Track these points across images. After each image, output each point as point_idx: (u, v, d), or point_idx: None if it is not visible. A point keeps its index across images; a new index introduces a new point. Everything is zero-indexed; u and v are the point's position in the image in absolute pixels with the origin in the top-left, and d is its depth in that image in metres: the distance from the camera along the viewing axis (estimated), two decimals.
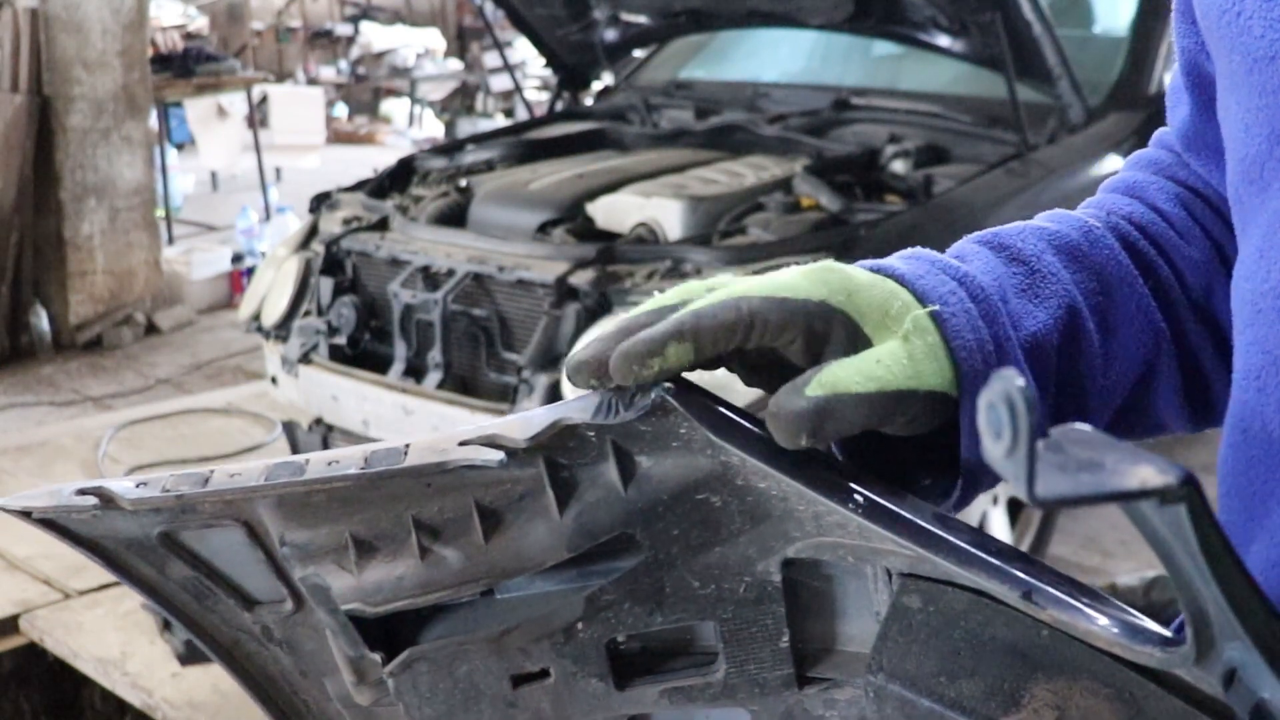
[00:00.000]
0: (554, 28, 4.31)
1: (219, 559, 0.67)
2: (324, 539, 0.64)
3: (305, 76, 12.73)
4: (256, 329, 3.71)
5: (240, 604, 0.68)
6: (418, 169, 4.04)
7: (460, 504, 0.62)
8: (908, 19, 3.55)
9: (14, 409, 5.11)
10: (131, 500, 0.64)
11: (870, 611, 0.61)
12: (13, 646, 3.21)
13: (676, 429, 0.59)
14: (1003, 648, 0.54)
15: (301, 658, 0.70)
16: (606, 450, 0.60)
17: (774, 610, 0.61)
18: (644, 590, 0.62)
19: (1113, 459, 0.38)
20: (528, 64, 10.27)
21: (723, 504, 0.60)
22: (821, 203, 3.27)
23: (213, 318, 6.33)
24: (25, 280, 5.81)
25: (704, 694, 0.64)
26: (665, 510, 0.60)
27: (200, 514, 0.65)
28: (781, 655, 0.62)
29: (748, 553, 0.61)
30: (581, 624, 0.63)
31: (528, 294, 3.13)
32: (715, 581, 0.62)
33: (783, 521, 0.59)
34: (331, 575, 0.65)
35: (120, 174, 5.95)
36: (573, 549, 0.61)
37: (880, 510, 0.56)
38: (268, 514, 0.64)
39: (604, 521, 0.61)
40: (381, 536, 0.64)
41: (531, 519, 0.62)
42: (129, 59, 5.92)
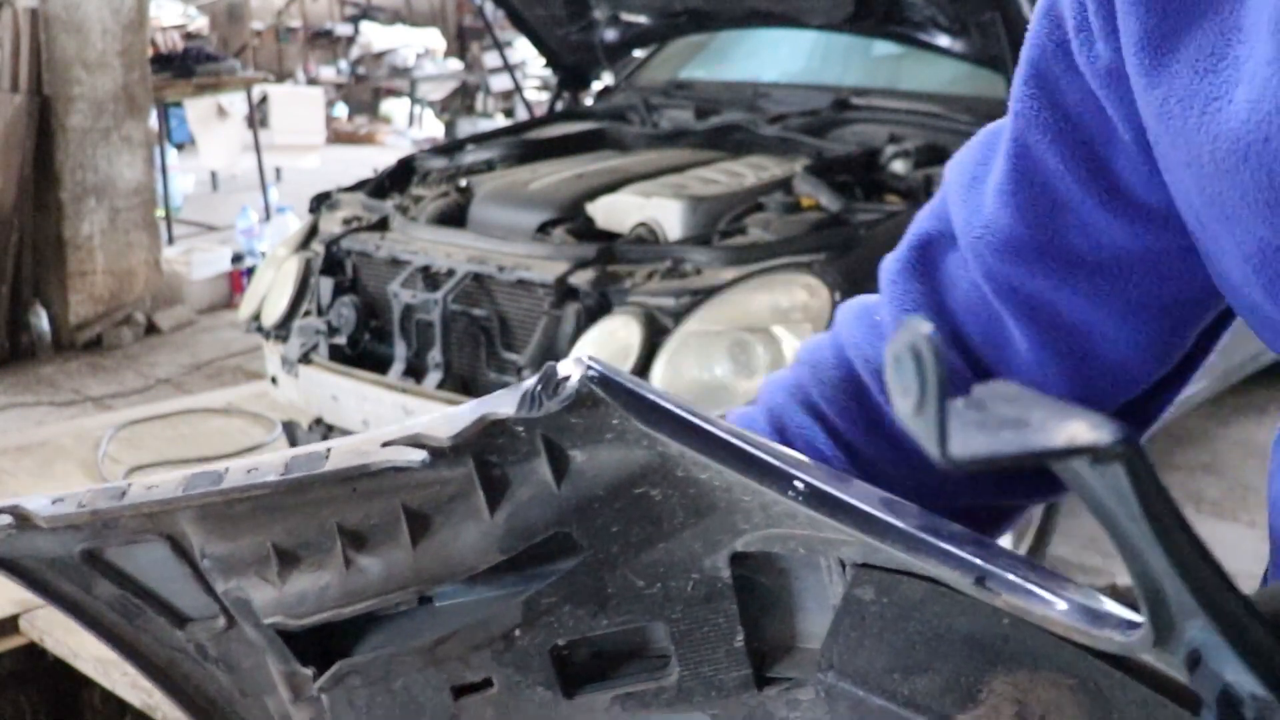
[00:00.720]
0: (554, 28, 4.31)
1: (146, 575, 0.65)
2: (245, 550, 0.62)
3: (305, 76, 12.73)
4: (256, 329, 3.71)
5: (171, 621, 0.66)
6: (418, 169, 4.04)
7: (387, 508, 0.60)
8: (908, 19, 3.55)
9: (14, 409, 5.11)
10: (47, 517, 0.61)
11: (828, 606, 0.58)
12: (13, 646, 3.20)
13: (609, 420, 0.55)
14: (960, 640, 0.51)
15: (239, 675, 0.67)
16: (537, 445, 0.57)
17: (726, 608, 0.58)
18: (585, 592, 0.59)
19: (1040, 415, 0.35)
20: (528, 64, 10.27)
21: (663, 497, 0.57)
22: (821, 203, 3.27)
23: (213, 318, 6.33)
24: (25, 280, 5.80)
25: (658, 699, 0.61)
26: (602, 506, 0.57)
27: (122, 529, 0.62)
28: (737, 655, 0.59)
29: (693, 548, 0.58)
30: (520, 630, 0.60)
31: (528, 294, 3.13)
32: (661, 580, 0.59)
33: (728, 514, 0.56)
34: (254, 588, 0.62)
35: (120, 174, 5.95)
36: (506, 550, 0.59)
37: (822, 496, 0.53)
38: (190, 526, 0.62)
39: (538, 520, 0.58)
40: (305, 545, 0.61)
41: (462, 521, 0.59)
42: (129, 59, 5.92)
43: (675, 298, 2.90)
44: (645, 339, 2.85)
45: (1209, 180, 0.57)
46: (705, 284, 2.92)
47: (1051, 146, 0.66)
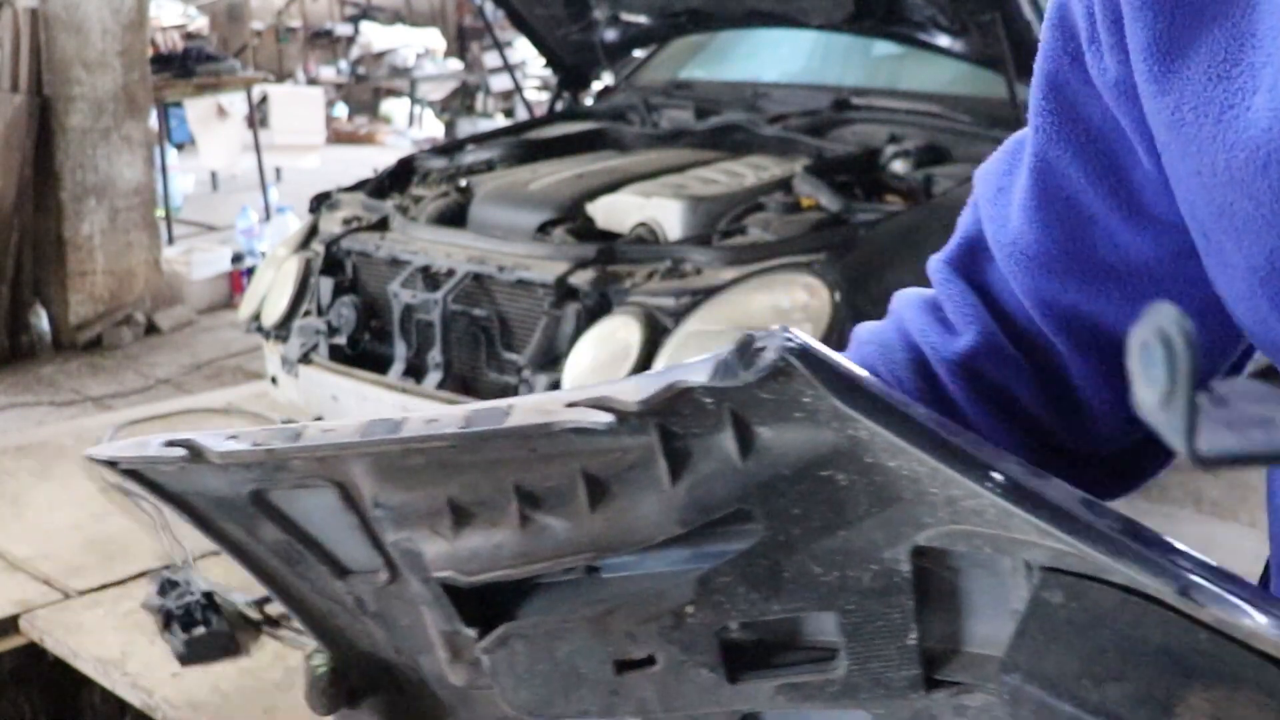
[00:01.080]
0: (554, 28, 4.31)
1: (311, 522, 0.64)
2: (419, 502, 0.60)
3: (305, 76, 12.72)
4: (256, 329, 3.71)
5: (333, 571, 0.65)
6: (418, 169, 4.04)
7: (565, 471, 0.58)
8: (908, 19, 3.55)
9: (14, 409, 5.11)
10: (220, 454, 0.61)
11: (1005, 609, 0.56)
12: (13, 646, 3.20)
13: (800, 397, 0.52)
14: (1155, 650, 0.48)
15: (396, 633, 0.66)
16: (724, 418, 0.54)
17: (902, 603, 0.56)
18: (761, 574, 0.57)
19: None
20: (528, 64, 10.26)
21: (849, 483, 0.54)
22: (821, 203, 3.27)
23: (213, 318, 6.32)
24: (25, 280, 5.80)
25: (823, 692, 0.59)
26: (786, 486, 0.55)
27: (292, 472, 0.62)
28: (908, 653, 0.57)
29: (874, 538, 0.55)
30: (692, 607, 0.58)
31: (528, 294, 3.13)
32: (838, 568, 0.56)
33: (914, 505, 0.54)
34: (425, 541, 0.61)
35: (120, 174, 5.95)
36: (685, 524, 0.57)
37: (1022, 492, 0.50)
38: (362, 475, 0.61)
39: (719, 495, 0.56)
40: (480, 502, 0.60)
41: (641, 490, 0.57)
42: (129, 59, 5.91)
43: (675, 298, 2.90)
44: (645, 339, 2.85)
45: (1220, 190, 0.56)
46: (705, 284, 2.92)
47: (1073, 162, 0.66)
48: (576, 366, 2.93)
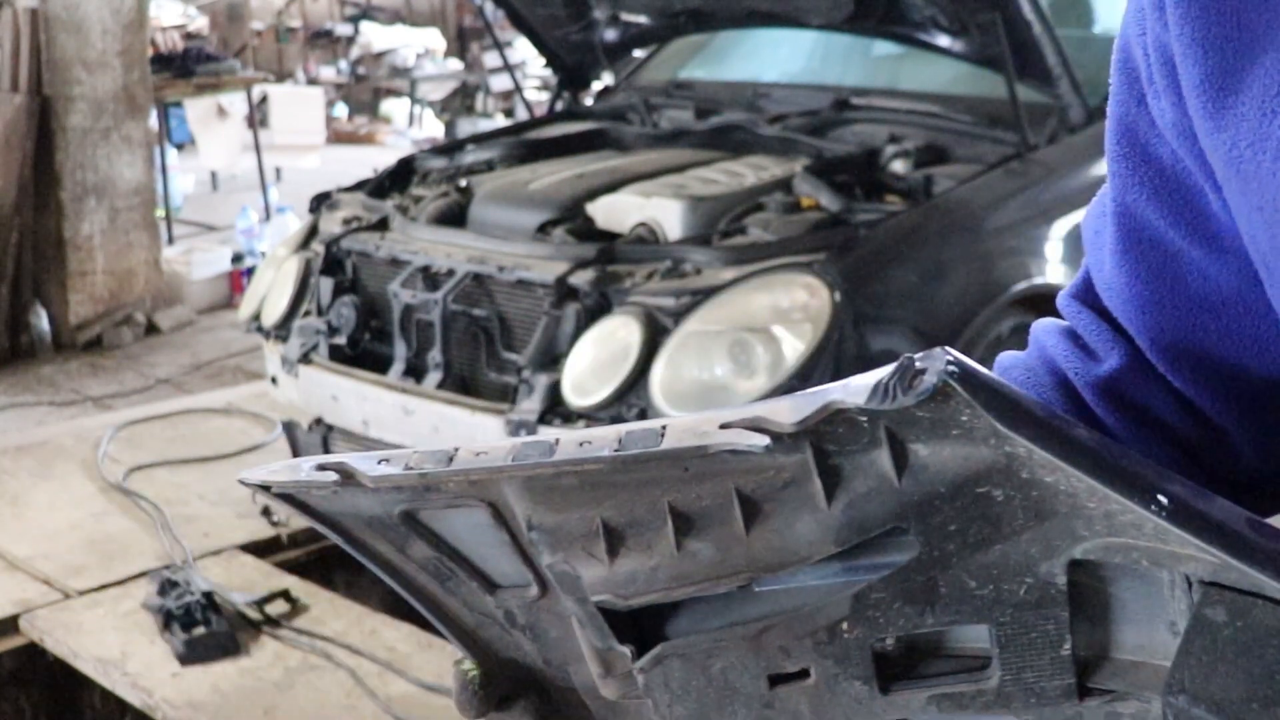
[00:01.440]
0: (554, 28, 4.31)
1: (462, 540, 0.65)
2: (574, 525, 0.61)
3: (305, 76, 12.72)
4: (256, 329, 3.71)
5: (483, 587, 0.65)
6: (418, 169, 4.04)
7: (719, 491, 0.58)
8: (908, 19, 3.55)
9: (14, 409, 5.11)
10: (373, 478, 0.61)
11: (1162, 620, 0.56)
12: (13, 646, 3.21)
13: (958, 416, 0.53)
14: None
15: (545, 644, 0.67)
16: (879, 437, 0.55)
17: (1056, 615, 0.56)
18: (916, 589, 0.57)
19: None
20: (528, 64, 10.26)
21: (1005, 498, 0.54)
22: (821, 203, 3.27)
23: (213, 318, 6.32)
24: (25, 280, 5.81)
25: (975, 701, 0.59)
26: (942, 504, 0.55)
27: (444, 493, 0.62)
28: (1062, 663, 0.57)
29: (1030, 552, 0.55)
30: (847, 623, 0.59)
31: (528, 294, 3.13)
32: (994, 582, 0.56)
33: (1070, 519, 0.54)
34: (582, 564, 0.61)
35: (120, 174, 5.95)
36: (840, 543, 0.57)
37: (1189, 512, 0.50)
38: (514, 495, 0.61)
39: (875, 514, 0.56)
40: (634, 524, 0.60)
41: (796, 509, 0.57)
42: (129, 59, 5.92)
43: (675, 298, 2.90)
44: (645, 339, 2.86)
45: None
46: (705, 284, 2.92)
47: (1150, 203, 0.66)
48: (576, 366, 2.93)
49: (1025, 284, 3.14)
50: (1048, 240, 3.22)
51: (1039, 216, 3.24)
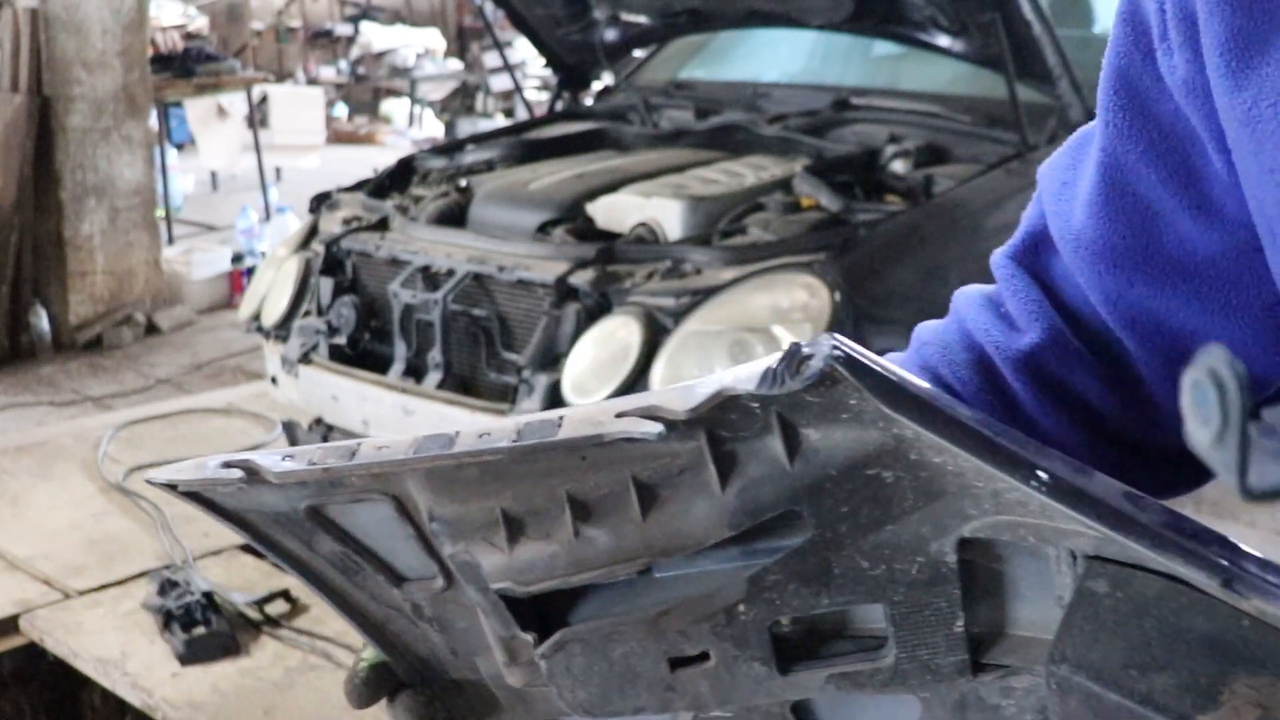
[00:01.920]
0: (554, 28, 4.31)
1: (367, 534, 0.66)
2: (474, 515, 0.62)
3: (305, 76, 12.72)
4: (256, 329, 3.71)
5: (389, 580, 0.66)
6: (418, 169, 4.04)
7: (616, 479, 0.59)
8: (908, 19, 3.55)
9: (14, 409, 5.11)
10: (277, 474, 0.62)
11: (1050, 595, 0.57)
12: (13, 646, 3.20)
13: (846, 400, 0.54)
14: (1199, 639, 0.49)
15: (452, 635, 0.68)
16: (771, 422, 0.56)
17: (948, 592, 0.58)
18: (810, 571, 0.59)
19: None
20: (528, 64, 10.26)
21: (895, 480, 0.56)
22: (821, 203, 3.27)
23: (213, 318, 6.32)
24: (25, 280, 5.80)
25: (872, 680, 0.60)
26: (833, 486, 0.57)
27: (348, 488, 0.63)
28: (955, 640, 0.58)
29: (921, 531, 0.57)
30: (744, 605, 0.60)
31: (528, 294, 3.13)
32: (886, 562, 0.58)
33: (958, 498, 0.55)
34: (482, 552, 0.62)
35: (120, 174, 5.95)
36: (735, 527, 0.58)
37: (1066, 488, 0.51)
38: (416, 488, 0.62)
39: (768, 498, 0.58)
40: (533, 513, 0.61)
41: (691, 495, 0.59)
42: (129, 59, 5.92)
43: (675, 298, 2.90)
44: (645, 339, 2.86)
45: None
46: (705, 284, 2.92)
47: (1143, 158, 0.66)
48: (576, 366, 2.93)
49: None
50: None
51: None
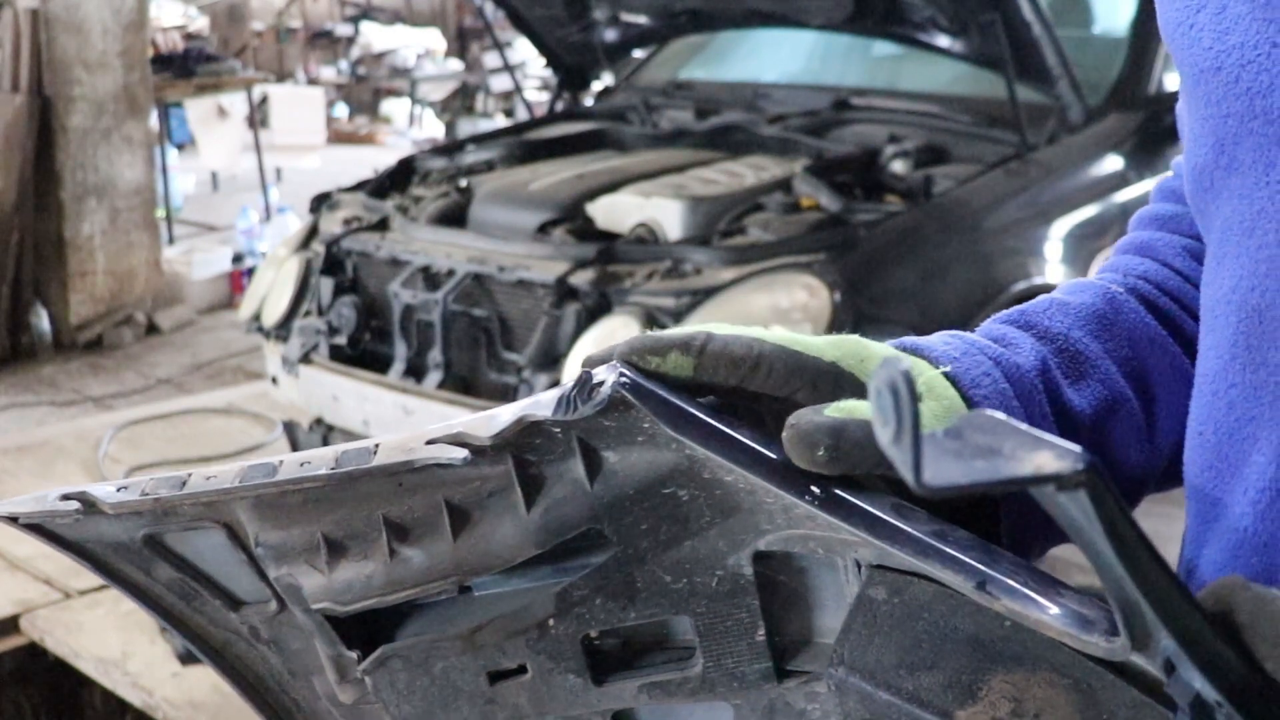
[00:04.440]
0: (554, 28, 4.31)
1: (203, 560, 0.68)
2: (296, 539, 0.65)
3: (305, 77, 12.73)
4: (257, 329, 3.71)
5: (227, 604, 0.69)
6: (418, 169, 4.04)
7: (430, 502, 0.63)
8: (908, 19, 3.55)
9: (14, 409, 5.12)
10: (112, 504, 0.65)
11: (845, 604, 0.60)
12: (13, 646, 3.21)
13: (640, 423, 0.58)
14: (964, 640, 0.53)
15: (289, 657, 0.70)
16: (572, 446, 0.60)
17: (748, 603, 0.61)
18: (615, 585, 0.62)
19: (1011, 444, 0.37)
20: (528, 64, 10.27)
21: (690, 498, 0.60)
22: (821, 203, 3.28)
23: (213, 318, 6.33)
24: (25, 280, 5.81)
25: (682, 689, 0.63)
26: (632, 505, 0.60)
27: (181, 516, 0.66)
28: (758, 648, 0.62)
29: (718, 546, 0.60)
30: (554, 620, 0.63)
31: (528, 294, 3.13)
32: (687, 576, 0.61)
33: (752, 514, 0.59)
34: (303, 575, 0.65)
35: (120, 174, 5.95)
36: (540, 545, 0.62)
37: (836, 501, 0.56)
38: (245, 515, 0.65)
39: (571, 517, 0.61)
40: (353, 536, 0.64)
41: (500, 516, 0.62)
42: (129, 59, 5.92)
43: (675, 298, 2.90)
44: None
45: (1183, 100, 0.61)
46: (705, 284, 2.92)
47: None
48: (576, 366, 2.93)
49: (1025, 284, 3.14)
50: (1047, 240, 3.22)
51: (1038, 216, 3.24)
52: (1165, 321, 0.72)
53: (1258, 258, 0.56)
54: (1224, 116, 0.58)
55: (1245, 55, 0.56)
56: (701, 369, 0.59)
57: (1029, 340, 0.68)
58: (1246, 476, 0.57)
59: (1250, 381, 0.57)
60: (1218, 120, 0.58)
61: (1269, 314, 0.56)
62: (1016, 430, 0.38)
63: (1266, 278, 0.56)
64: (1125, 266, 0.76)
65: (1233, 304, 0.58)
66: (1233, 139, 0.57)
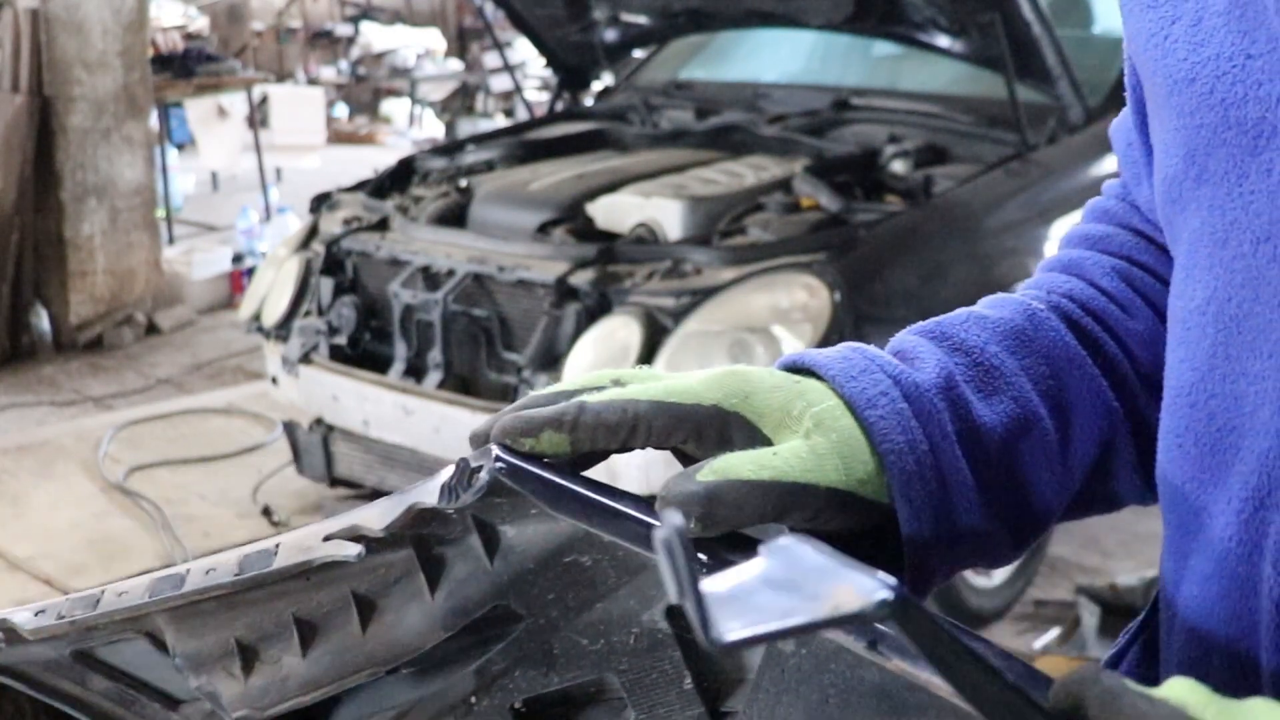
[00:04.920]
0: (554, 28, 4.32)
1: (134, 667, 0.68)
2: (211, 646, 0.65)
3: (305, 77, 12.73)
4: (257, 329, 3.71)
5: (165, 705, 0.69)
6: (418, 169, 4.04)
7: (337, 595, 0.62)
8: (908, 19, 3.55)
9: (14, 409, 5.11)
10: (31, 630, 0.66)
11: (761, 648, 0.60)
12: None
13: (529, 500, 0.58)
14: (869, 692, 0.52)
15: None
16: (469, 525, 0.60)
17: (670, 655, 0.60)
18: (532, 655, 0.62)
19: (813, 579, 0.36)
20: (528, 64, 10.27)
21: (593, 562, 0.59)
22: (821, 203, 3.28)
23: (213, 318, 6.33)
24: (26, 280, 5.81)
25: None
26: (536, 576, 0.60)
27: (103, 630, 0.66)
28: (688, 696, 0.60)
29: (629, 605, 0.60)
30: (475, 696, 0.63)
31: (528, 294, 3.13)
32: (603, 637, 0.61)
33: (657, 571, 0.57)
34: (221, 682, 0.65)
35: (121, 174, 5.95)
36: (448, 628, 0.61)
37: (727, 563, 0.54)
38: (163, 623, 0.65)
39: (475, 596, 0.61)
40: (265, 638, 0.64)
41: (406, 602, 0.62)
42: (129, 59, 5.92)
43: (675, 298, 2.90)
44: (645, 339, 2.86)
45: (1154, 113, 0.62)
46: (705, 284, 2.92)
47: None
48: (576, 366, 2.94)
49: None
50: (1047, 240, 3.22)
51: (1038, 216, 3.24)
52: (1086, 341, 0.70)
53: (1232, 268, 0.56)
54: (1197, 127, 0.57)
55: (1220, 67, 0.56)
56: (578, 442, 0.59)
57: (938, 354, 0.66)
58: (1230, 486, 0.56)
59: (1231, 392, 0.57)
60: (1190, 131, 0.58)
61: (1247, 324, 0.56)
62: (816, 559, 0.36)
63: (1242, 288, 0.56)
64: (1050, 284, 0.74)
65: (1208, 315, 0.58)
66: (1204, 150, 0.57)
